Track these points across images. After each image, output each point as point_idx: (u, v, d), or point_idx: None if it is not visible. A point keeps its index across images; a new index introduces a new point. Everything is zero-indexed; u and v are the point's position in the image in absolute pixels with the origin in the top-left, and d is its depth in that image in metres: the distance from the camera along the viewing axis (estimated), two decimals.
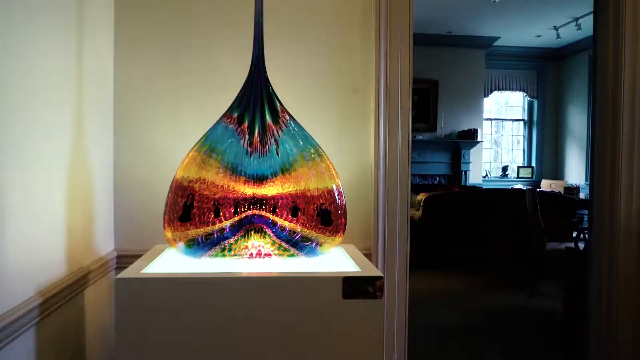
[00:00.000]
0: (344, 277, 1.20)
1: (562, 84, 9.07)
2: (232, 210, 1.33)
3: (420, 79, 8.25)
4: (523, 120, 9.40)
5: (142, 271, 1.20)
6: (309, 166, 1.37)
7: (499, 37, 8.21)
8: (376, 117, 1.81)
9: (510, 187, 7.56)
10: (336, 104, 1.80)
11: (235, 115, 1.38)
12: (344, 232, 1.39)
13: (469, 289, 4.41)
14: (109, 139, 1.63)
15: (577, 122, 8.69)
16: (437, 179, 8.44)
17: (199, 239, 1.30)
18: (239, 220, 1.33)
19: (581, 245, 3.92)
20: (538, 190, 5.27)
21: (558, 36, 7.66)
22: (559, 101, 9.17)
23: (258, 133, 1.37)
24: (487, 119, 9.15)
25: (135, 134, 1.66)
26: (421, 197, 5.17)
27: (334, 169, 1.42)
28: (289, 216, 1.34)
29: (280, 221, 1.34)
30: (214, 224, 1.31)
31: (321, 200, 1.36)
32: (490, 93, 8.99)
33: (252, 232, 1.34)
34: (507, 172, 9.25)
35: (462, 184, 8.35)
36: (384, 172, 1.82)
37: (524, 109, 9.40)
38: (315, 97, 1.79)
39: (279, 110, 1.41)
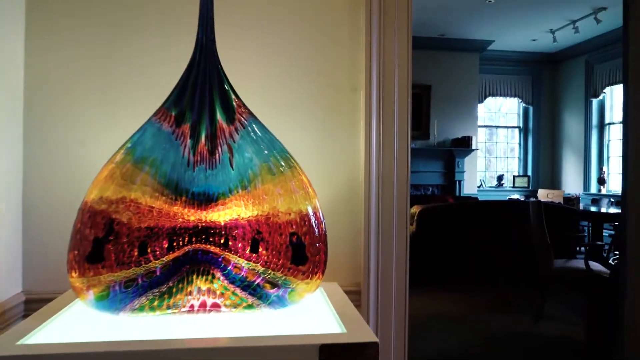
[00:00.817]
0: (321, 345, 0.82)
1: (558, 90, 8.81)
2: (166, 245, 0.95)
3: (412, 84, 7.92)
4: (518, 127, 9.12)
5: (20, 341, 0.81)
6: (275, 182, 0.99)
7: (494, 41, 7.93)
8: (367, 120, 1.44)
9: (508, 198, 7.24)
10: (317, 104, 1.43)
11: (173, 113, 1.00)
12: (323, 271, 1.01)
13: (469, 312, 4.04)
14: (16, 148, 1.24)
15: (574, 129, 8.43)
16: (431, 189, 8.10)
17: (116, 287, 0.91)
18: (176, 259, 0.95)
19: (593, 265, 3.57)
20: (537, 200, 4.93)
21: (554, 40, 7.40)
22: (555, 107, 8.91)
23: (205, 137, 0.99)
24: (482, 126, 8.86)
25: (52, 141, 1.27)
26: (415, 209, 4.81)
27: (311, 186, 1.05)
28: (247, 251, 0.96)
29: (234, 259, 0.96)
30: (138, 264, 0.92)
31: (292, 229, 0.98)
32: (485, 99, 8.71)
33: (195, 274, 0.96)
34: (502, 182, 8.94)
35: (457, 194, 8.02)
36: (377, 188, 1.45)
37: (519, 115, 9.12)
38: (291, 97, 1.42)
39: (235, 105, 1.03)
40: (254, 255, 0.96)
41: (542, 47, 8.28)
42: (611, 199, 6.94)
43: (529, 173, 9.00)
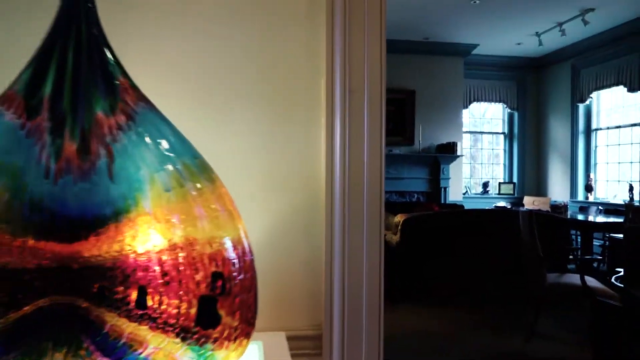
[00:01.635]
0: None
1: (544, 95, 8.65)
2: (7, 298, 0.62)
3: (395, 89, 7.68)
4: (503, 133, 8.92)
5: None
6: (175, 201, 0.67)
7: (478, 45, 7.73)
8: (329, 116, 1.13)
9: (494, 206, 7.01)
10: (267, 96, 1.11)
11: (21, 96, 0.67)
12: (248, 333, 0.69)
13: (456, 330, 3.74)
14: None
15: (560, 134, 8.25)
16: (415, 196, 7.83)
17: None
18: (23, 318, 0.62)
19: (589, 281, 3.30)
20: (528, 210, 4.68)
21: (540, 43, 7.22)
22: (541, 113, 8.74)
23: (73, 134, 0.67)
24: (466, 132, 8.64)
25: None
26: (399, 218, 4.52)
27: (233, 206, 0.73)
28: (132, 306, 0.64)
29: (111, 318, 0.63)
30: None
31: (200, 272, 0.66)
32: (470, 104, 8.49)
33: (51, 343, 0.63)
34: (488, 189, 8.72)
35: (442, 201, 7.76)
36: (342, 201, 1.13)
37: (504, 121, 8.93)
38: (232, 88, 1.10)
39: (119, 86, 0.71)
40: (141, 311, 0.64)
41: (527, 52, 8.11)
42: (599, 207, 6.74)
43: (515, 180, 8.80)
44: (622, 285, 2.79)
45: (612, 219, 5.72)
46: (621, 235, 4.18)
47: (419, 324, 3.82)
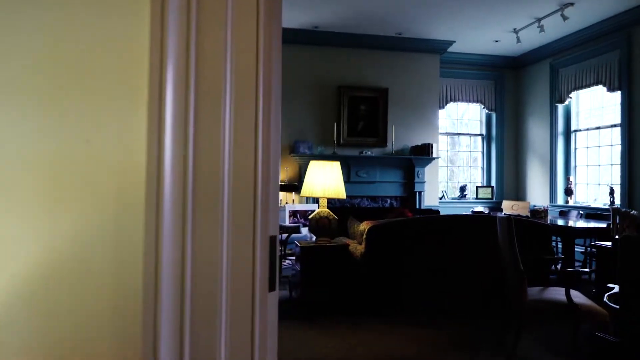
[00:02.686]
0: None
1: (522, 95, 8.33)
2: None
3: (367, 87, 7.25)
4: (481, 135, 8.57)
5: None
6: None
7: (454, 42, 7.36)
8: (156, 90, 0.64)
9: (471, 211, 6.61)
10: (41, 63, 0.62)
11: None
12: None
13: (428, 351, 3.27)
14: None
15: (539, 136, 7.93)
16: (389, 202, 7.40)
17: None
18: None
19: (575, 295, 2.88)
20: (507, 216, 4.27)
21: (518, 40, 6.88)
22: (519, 114, 8.42)
23: None
24: (443, 134, 8.26)
25: None
26: (364, 226, 4.06)
27: None
28: None
29: None
30: None
31: None
32: (446, 104, 8.12)
33: None
34: (465, 193, 8.35)
35: (417, 206, 7.35)
36: (180, 219, 0.65)
37: (481, 122, 8.58)
38: None
39: None
40: None
41: (505, 50, 7.78)
42: (580, 211, 6.40)
43: (493, 183, 8.45)
44: (616, 307, 2.37)
45: (593, 224, 5.37)
46: (608, 243, 3.80)
47: (388, 346, 3.34)
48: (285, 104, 7.04)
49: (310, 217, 4.02)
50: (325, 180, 3.95)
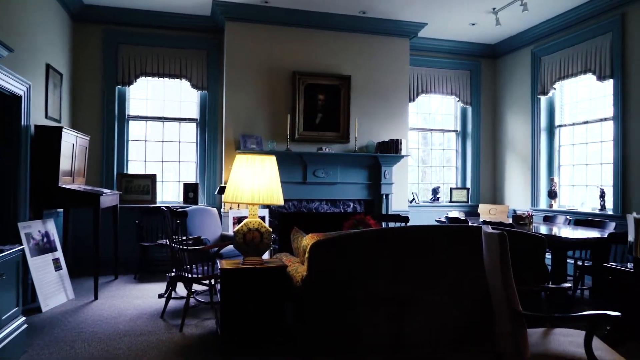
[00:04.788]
0: None
1: (501, 87, 7.52)
2: None
3: (327, 74, 6.29)
4: (455, 131, 7.73)
5: None
6: None
7: (426, 24, 6.48)
8: None
9: (445, 216, 5.71)
10: None
11: None
12: None
13: None
14: None
15: (519, 132, 7.13)
16: (351, 206, 6.45)
17: None
18: None
19: (596, 347, 1.98)
20: (499, 231, 3.36)
21: (498, 22, 6.04)
22: (497, 108, 7.61)
23: None
24: (413, 129, 7.38)
25: None
26: (307, 241, 3.08)
27: None
28: None
29: None
30: None
31: None
32: (417, 97, 7.24)
33: None
34: (438, 196, 7.49)
35: (384, 211, 6.43)
36: None
37: (455, 117, 7.74)
38: None
39: None
40: None
41: (482, 36, 6.95)
42: (568, 217, 5.59)
43: (468, 185, 7.62)
44: None
45: (582, 232, 4.55)
46: (626, 266, 2.93)
47: None
48: (230, 92, 6.02)
49: (235, 230, 3.02)
50: (255, 180, 2.96)
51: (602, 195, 5.75)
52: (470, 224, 3.83)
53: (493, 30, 6.69)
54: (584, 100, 6.33)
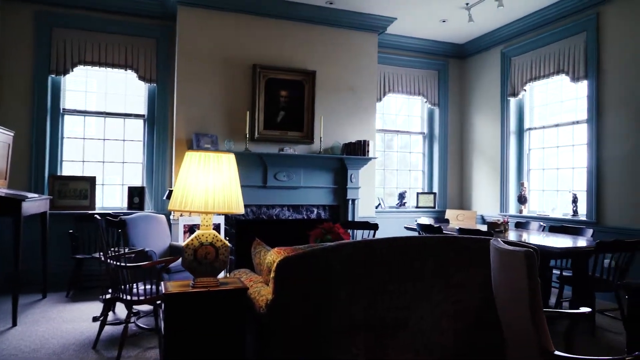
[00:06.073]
0: None
1: (470, 88, 7.28)
2: None
3: (290, 68, 5.79)
4: (422, 133, 7.42)
5: None
6: None
7: (395, 19, 6.11)
8: None
9: (417, 223, 5.31)
10: None
11: None
12: None
13: None
14: None
15: (487, 135, 6.89)
16: (315, 212, 5.96)
17: None
18: None
19: None
20: (526, 249, 2.98)
21: (470, 18, 5.75)
22: (466, 109, 7.36)
23: None
24: (379, 131, 7.00)
25: None
26: (273, 258, 2.56)
27: None
28: None
29: None
30: None
31: None
32: (384, 96, 6.87)
33: None
34: (404, 201, 7.13)
35: (350, 217, 5.98)
36: None
37: (422, 119, 7.43)
38: None
39: None
40: None
41: (451, 35, 6.67)
42: (541, 223, 5.34)
43: (435, 189, 7.31)
44: None
45: (575, 241, 4.27)
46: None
47: None
48: (182, 85, 5.40)
49: (184, 245, 2.45)
50: (210, 184, 2.41)
51: (575, 200, 5.55)
52: (456, 234, 3.43)
53: (463, 28, 6.42)
54: (554, 103, 6.15)
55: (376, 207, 6.66)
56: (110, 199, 5.88)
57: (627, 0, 4.88)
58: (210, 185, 2.42)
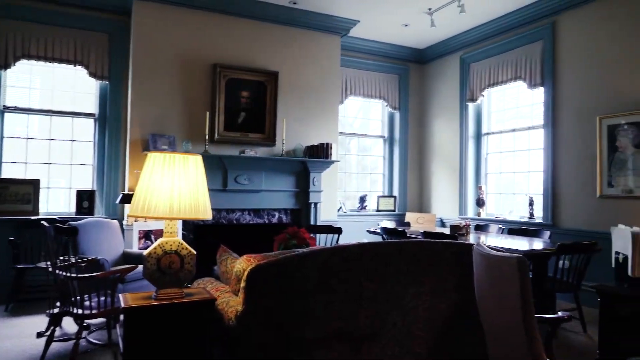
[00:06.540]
0: None
1: (429, 93, 7.36)
2: None
3: (252, 68, 5.63)
4: (382, 137, 7.43)
5: None
6: None
7: (358, 21, 6.08)
8: None
9: (380, 226, 5.26)
10: None
11: None
12: None
13: None
14: None
15: (446, 139, 6.99)
16: (277, 216, 5.81)
17: None
18: None
19: None
20: (517, 255, 2.94)
21: (432, 23, 5.80)
22: (426, 114, 7.44)
23: None
24: (341, 134, 6.94)
25: None
26: (243, 266, 2.41)
27: None
28: None
29: None
30: None
31: None
32: (345, 99, 6.82)
33: None
34: (365, 204, 7.11)
35: (312, 221, 5.87)
36: None
37: (383, 122, 7.45)
38: None
39: None
40: None
41: (412, 40, 6.72)
42: (500, 226, 5.45)
43: (396, 193, 7.34)
44: None
45: (534, 244, 4.36)
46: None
47: None
48: (137, 83, 5.11)
49: (146, 254, 2.26)
50: (175, 188, 2.23)
51: (531, 203, 5.70)
52: (421, 238, 3.39)
53: (424, 34, 6.49)
54: (512, 108, 6.31)
55: (337, 211, 6.59)
56: (55, 203, 5.48)
57: (581, 11, 5.07)
58: (175, 189, 2.24)
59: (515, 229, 5.21)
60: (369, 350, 2.41)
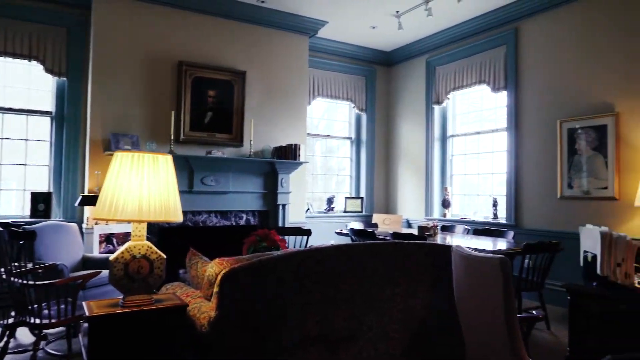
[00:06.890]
0: None
1: (396, 95, 7.43)
2: None
3: (219, 67, 5.51)
4: (349, 138, 7.45)
5: None
6: None
7: (327, 22, 6.07)
8: None
9: (348, 227, 5.24)
10: None
11: None
12: None
13: None
14: None
15: (413, 141, 7.07)
16: (244, 217, 5.71)
17: None
18: None
19: None
20: (500, 256, 2.95)
21: (400, 26, 5.86)
22: (392, 116, 7.50)
23: None
24: (308, 135, 6.90)
25: None
26: (215, 270, 2.33)
27: None
28: None
29: None
30: None
31: None
32: (313, 100, 6.79)
33: None
34: (333, 205, 7.10)
35: (280, 223, 5.80)
36: None
37: (350, 124, 7.46)
38: None
39: None
40: None
41: (380, 42, 6.77)
42: (466, 226, 5.54)
43: (363, 194, 7.37)
44: None
45: (499, 244, 4.45)
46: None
47: None
48: (98, 80, 4.90)
49: (112, 259, 2.14)
50: (144, 189, 2.12)
51: (495, 204, 5.84)
52: (390, 239, 3.39)
53: (392, 36, 6.54)
54: (476, 111, 6.45)
55: (305, 212, 6.54)
56: (7, 205, 5.17)
57: (542, 18, 5.24)
58: (144, 190, 2.13)
59: (480, 230, 5.32)
60: (346, 352, 2.38)
